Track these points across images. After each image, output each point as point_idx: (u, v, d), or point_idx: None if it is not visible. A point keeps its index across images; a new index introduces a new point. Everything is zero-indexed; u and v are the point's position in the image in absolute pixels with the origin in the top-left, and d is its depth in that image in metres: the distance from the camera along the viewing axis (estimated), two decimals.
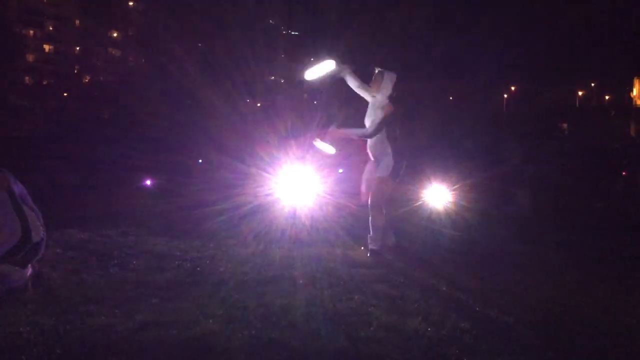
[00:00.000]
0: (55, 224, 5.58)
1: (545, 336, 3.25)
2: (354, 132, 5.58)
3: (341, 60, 5.50)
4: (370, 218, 5.41)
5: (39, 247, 3.81)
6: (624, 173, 10.25)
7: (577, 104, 47.48)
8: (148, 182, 10.38)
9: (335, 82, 5.84)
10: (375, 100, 5.45)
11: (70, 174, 10.64)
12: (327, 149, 5.41)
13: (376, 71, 5.51)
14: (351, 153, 5.37)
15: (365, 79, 5.55)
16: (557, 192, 9.61)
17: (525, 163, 10.90)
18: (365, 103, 5.59)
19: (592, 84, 47.45)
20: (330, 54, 5.52)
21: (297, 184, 6.24)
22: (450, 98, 22.21)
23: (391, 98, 5.34)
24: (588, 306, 3.89)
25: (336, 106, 5.88)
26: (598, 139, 17.48)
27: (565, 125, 33.39)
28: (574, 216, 8.46)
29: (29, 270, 3.77)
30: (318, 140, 5.37)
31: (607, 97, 51.98)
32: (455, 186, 8.36)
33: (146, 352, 2.86)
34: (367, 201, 5.45)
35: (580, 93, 48.36)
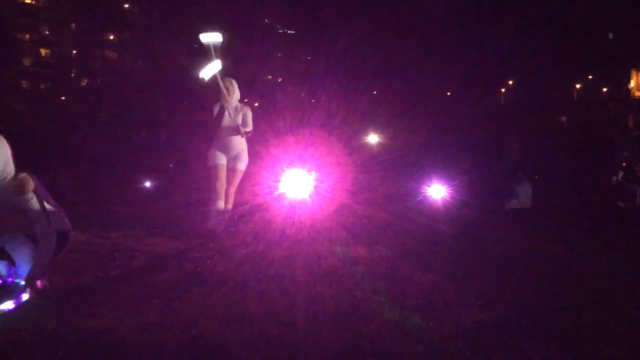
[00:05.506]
0: None
1: (548, 330, 3.25)
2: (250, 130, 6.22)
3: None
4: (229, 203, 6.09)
5: (67, 236, 3.90)
6: (623, 164, 10.23)
7: (575, 96, 47.41)
8: (147, 184, 10.39)
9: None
10: (232, 104, 6.12)
11: (70, 177, 10.63)
12: None
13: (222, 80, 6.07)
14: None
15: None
16: (557, 186, 9.60)
17: (524, 157, 10.89)
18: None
19: (590, 77, 47.34)
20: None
21: (296, 182, 6.24)
22: (448, 93, 22.17)
23: (242, 101, 6.29)
24: (589, 299, 3.88)
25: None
26: (597, 131, 17.46)
27: (564, 119, 33.41)
28: (574, 210, 8.45)
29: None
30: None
31: (605, 90, 51.85)
32: (455, 182, 8.36)
33: (148, 353, 2.86)
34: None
35: (578, 86, 48.25)
